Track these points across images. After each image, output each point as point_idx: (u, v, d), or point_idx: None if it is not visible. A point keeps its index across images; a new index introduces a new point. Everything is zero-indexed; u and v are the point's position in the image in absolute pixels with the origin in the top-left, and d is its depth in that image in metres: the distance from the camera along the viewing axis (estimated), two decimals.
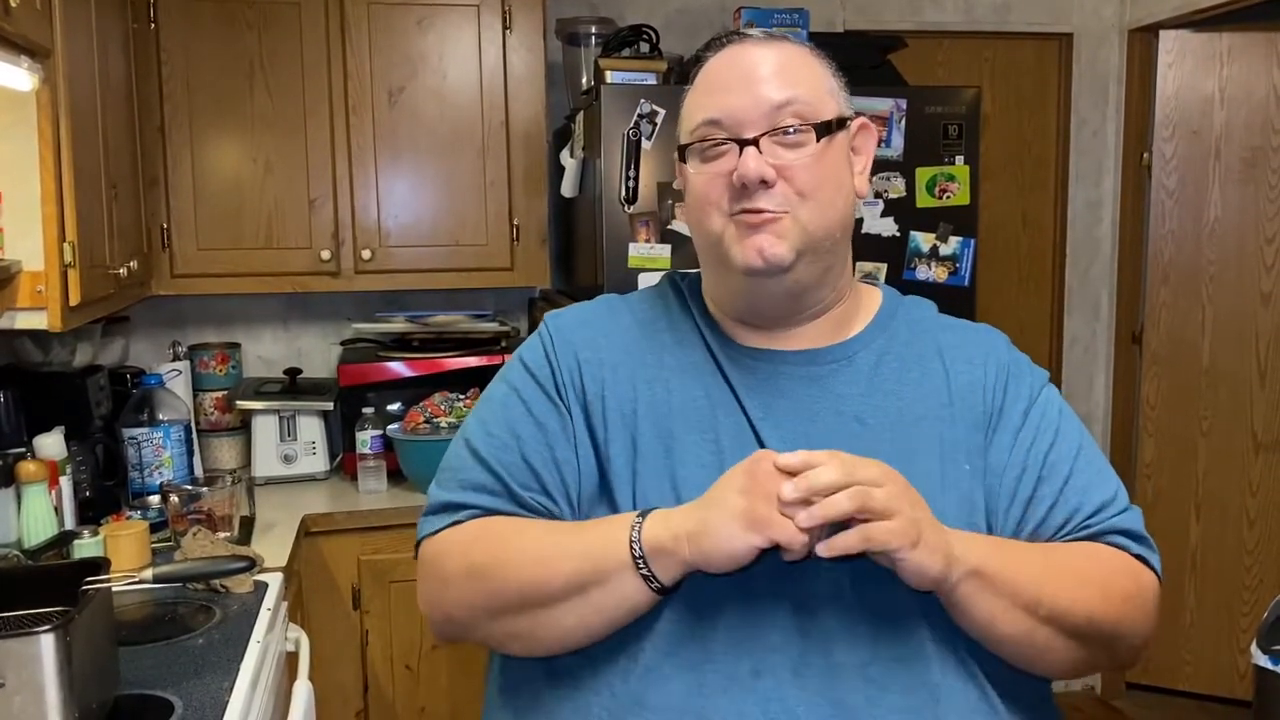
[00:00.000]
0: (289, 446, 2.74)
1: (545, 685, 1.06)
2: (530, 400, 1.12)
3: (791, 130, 1.05)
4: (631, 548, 0.98)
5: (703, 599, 1.00)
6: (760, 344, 1.13)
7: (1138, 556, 1.09)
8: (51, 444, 2.07)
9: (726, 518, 0.94)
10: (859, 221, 2.48)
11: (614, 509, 1.06)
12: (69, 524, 2.07)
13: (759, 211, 1.05)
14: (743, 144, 1.05)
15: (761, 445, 1.06)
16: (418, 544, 1.14)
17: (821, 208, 1.07)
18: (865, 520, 0.92)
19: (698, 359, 1.13)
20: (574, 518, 1.09)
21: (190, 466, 2.39)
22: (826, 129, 1.07)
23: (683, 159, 1.12)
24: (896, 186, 2.50)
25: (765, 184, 1.04)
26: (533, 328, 1.81)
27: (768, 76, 1.07)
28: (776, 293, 1.09)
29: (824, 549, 0.93)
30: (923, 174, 2.51)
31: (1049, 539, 1.08)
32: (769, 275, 1.06)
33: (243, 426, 2.81)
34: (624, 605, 1.00)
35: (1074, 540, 1.08)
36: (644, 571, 0.98)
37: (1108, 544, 1.08)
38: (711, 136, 1.07)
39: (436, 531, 1.10)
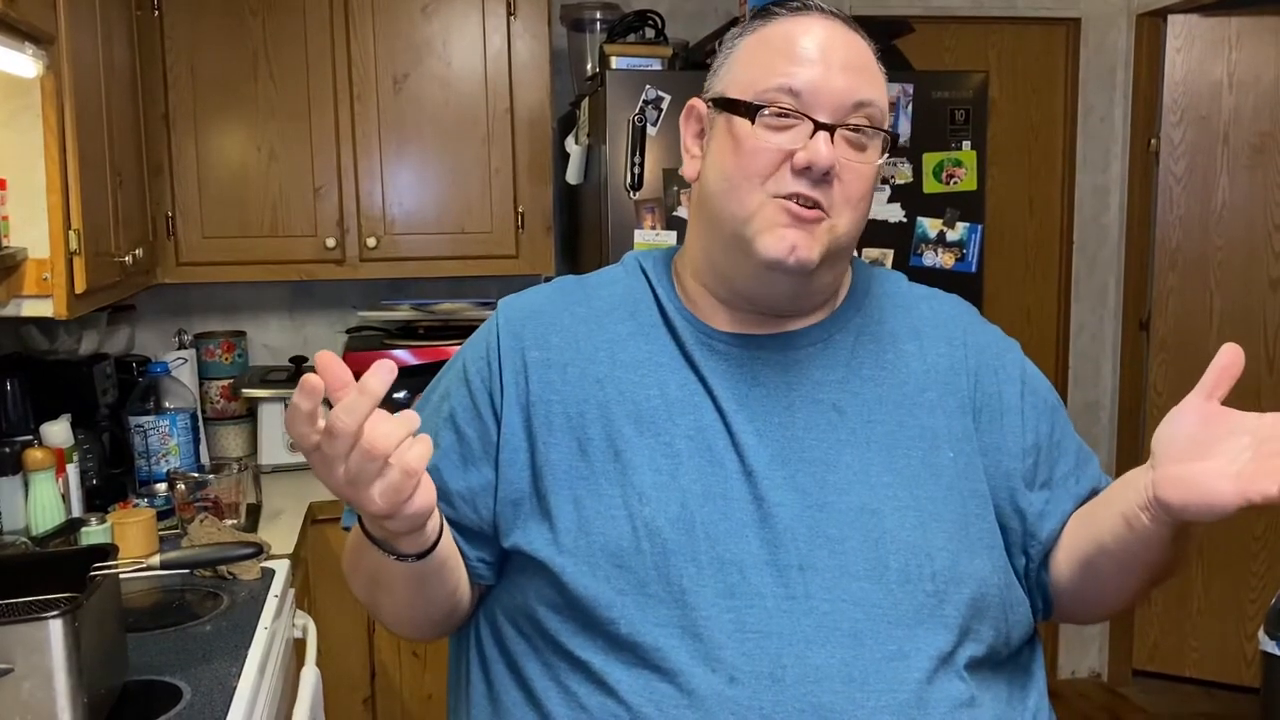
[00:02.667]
0: None
1: (507, 692, 1.04)
2: (456, 409, 1.09)
3: (863, 131, 1.00)
4: (368, 539, 0.96)
5: (676, 609, 0.96)
6: (734, 328, 1.07)
7: None
8: (58, 432, 2.07)
9: (368, 519, 0.92)
10: None
11: (548, 517, 1.01)
12: (76, 511, 2.07)
13: (810, 204, 0.99)
14: (821, 127, 0.98)
15: (733, 440, 1.01)
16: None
17: (858, 219, 1.03)
18: None
19: (657, 353, 1.06)
20: (479, 523, 1.06)
21: (197, 454, 2.39)
22: (890, 144, 1.04)
23: (737, 112, 1.01)
24: (903, 172, 2.49)
25: (826, 176, 0.99)
26: None
27: (854, 68, 1.01)
28: (785, 290, 1.04)
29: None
30: (930, 159, 2.50)
31: (1082, 503, 1.11)
32: (789, 274, 1.01)
33: (249, 414, 2.82)
34: (411, 580, 1.00)
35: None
36: (390, 556, 0.95)
37: None
38: (785, 105, 0.99)
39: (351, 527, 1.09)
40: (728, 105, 1.03)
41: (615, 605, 0.97)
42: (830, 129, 0.98)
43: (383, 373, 0.79)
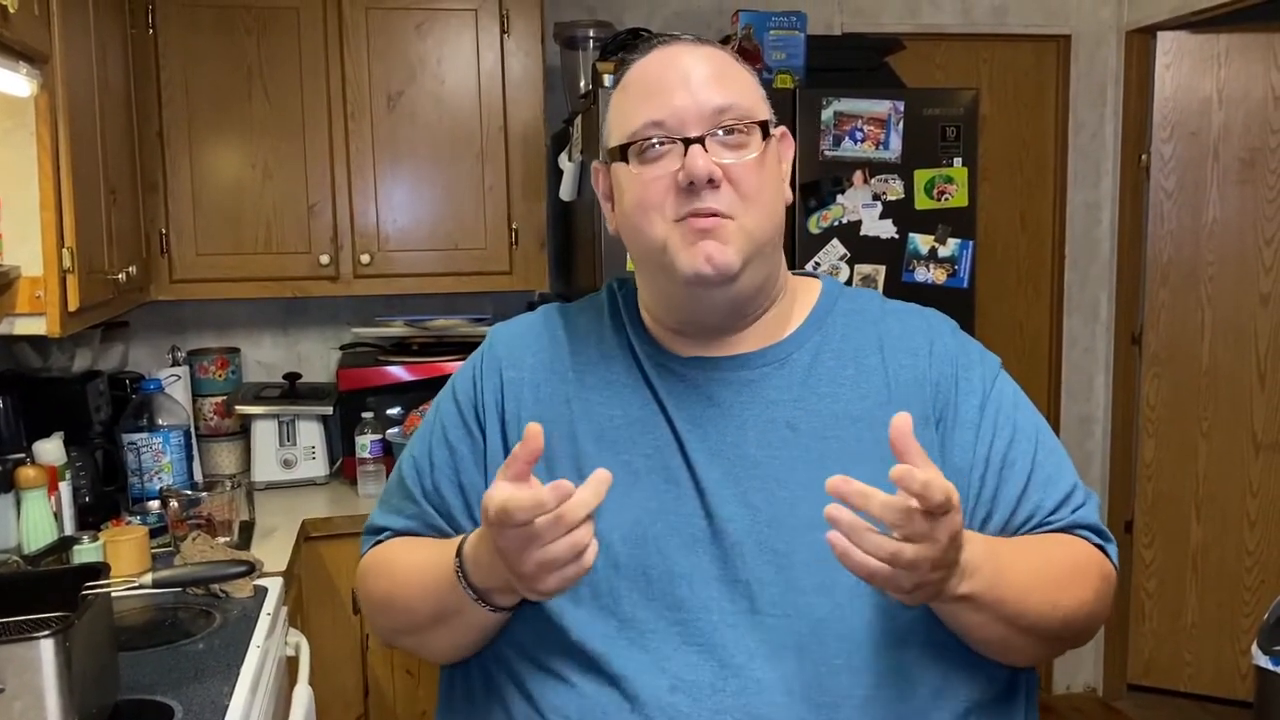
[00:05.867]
0: (288, 451, 2.74)
1: (480, 692, 1.09)
2: (447, 425, 1.15)
3: (735, 130, 1.03)
4: (468, 594, 1.00)
5: (625, 615, 1.00)
6: (693, 352, 1.10)
7: (1098, 548, 1.08)
8: (51, 449, 2.07)
9: (526, 592, 0.94)
10: (857, 224, 2.50)
11: None
12: (69, 529, 2.07)
13: (709, 214, 1.02)
14: (688, 143, 1.02)
15: (687, 459, 1.05)
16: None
17: (765, 211, 1.05)
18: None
19: (621, 375, 1.11)
20: None
21: (190, 471, 2.39)
22: (766, 130, 1.06)
23: (618, 159, 1.07)
24: (895, 188, 2.50)
25: (712, 183, 1.01)
26: None
27: (707, 80, 1.05)
28: (719, 302, 1.06)
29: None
30: (921, 176, 2.51)
31: (1013, 534, 1.07)
32: (716, 285, 1.03)
33: (242, 431, 2.81)
34: (484, 626, 1.04)
35: (1048, 534, 1.06)
36: (489, 608, 1.01)
37: (1078, 538, 1.07)
38: (653, 136, 1.04)
39: (366, 553, 1.20)
40: (613, 156, 1.08)
41: (568, 614, 1.02)
42: (699, 140, 1.02)
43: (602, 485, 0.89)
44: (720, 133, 1.03)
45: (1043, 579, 1.01)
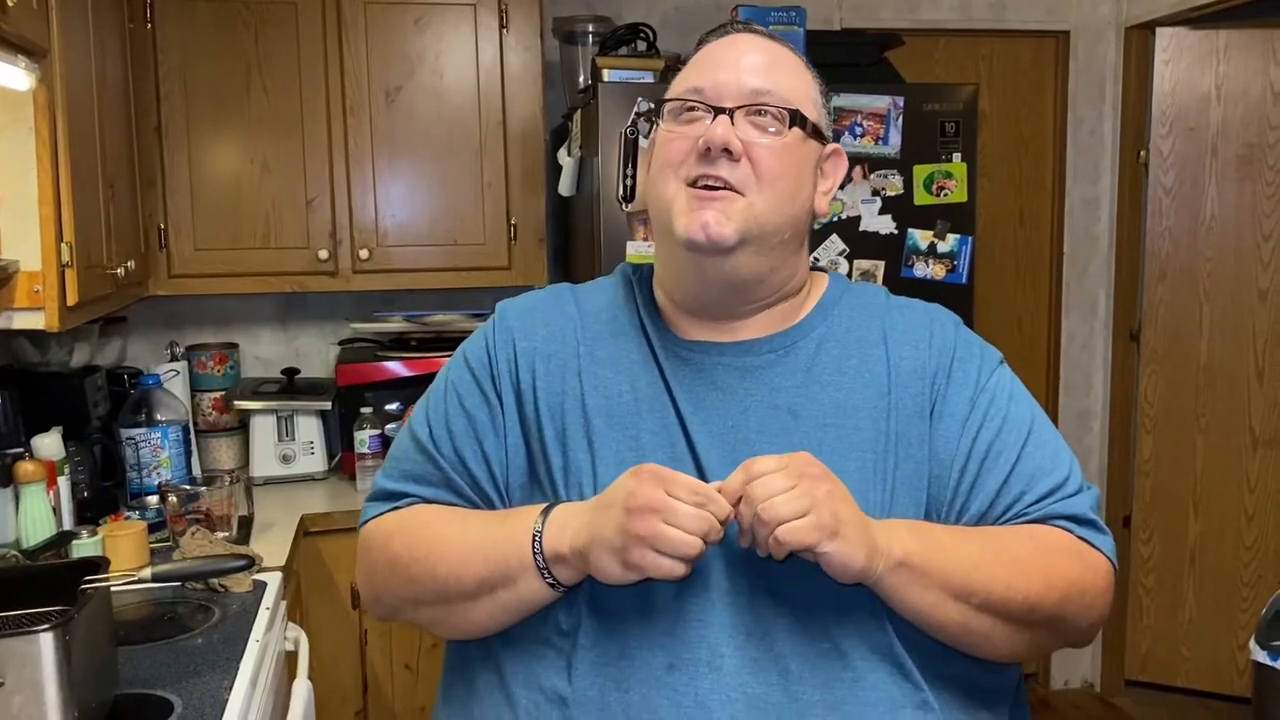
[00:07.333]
0: (287, 446, 2.74)
1: (480, 672, 1.09)
2: (463, 393, 1.14)
3: (765, 112, 1.06)
4: (535, 558, 1.00)
5: (625, 595, 1.00)
6: (701, 336, 1.12)
7: (1081, 539, 1.06)
8: (49, 444, 2.06)
9: (606, 554, 0.95)
10: (856, 219, 2.50)
11: (548, 498, 1.07)
12: (67, 524, 2.06)
13: (715, 183, 1.04)
14: (718, 112, 1.05)
15: (689, 440, 1.06)
16: (360, 528, 1.19)
17: (778, 198, 1.06)
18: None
19: (632, 352, 1.12)
20: (504, 506, 1.11)
21: (188, 466, 2.39)
22: (800, 120, 1.07)
23: (657, 118, 1.11)
24: (894, 184, 2.50)
25: (729, 154, 1.04)
26: None
27: (756, 66, 1.08)
28: (714, 277, 1.07)
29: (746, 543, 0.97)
30: (920, 171, 2.51)
31: (992, 525, 1.07)
32: (708, 253, 1.05)
33: (241, 426, 2.81)
34: (532, 602, 1.03)
35: (1018, 524, 1.06)
36: (549, 580, 1.01)
37: (1053, 527, 1.06)
38: (690, 100, 1.08)
39: (374, 518, 1.16)
40: (656, 111, 1.13)
41: (571, 589, 1.02)
42: (728, 112, 1.05)
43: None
44: (753, 111, 1.06)
45: (992, 557, 1.01)
